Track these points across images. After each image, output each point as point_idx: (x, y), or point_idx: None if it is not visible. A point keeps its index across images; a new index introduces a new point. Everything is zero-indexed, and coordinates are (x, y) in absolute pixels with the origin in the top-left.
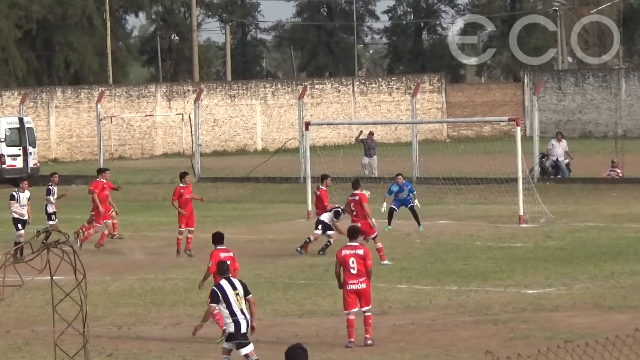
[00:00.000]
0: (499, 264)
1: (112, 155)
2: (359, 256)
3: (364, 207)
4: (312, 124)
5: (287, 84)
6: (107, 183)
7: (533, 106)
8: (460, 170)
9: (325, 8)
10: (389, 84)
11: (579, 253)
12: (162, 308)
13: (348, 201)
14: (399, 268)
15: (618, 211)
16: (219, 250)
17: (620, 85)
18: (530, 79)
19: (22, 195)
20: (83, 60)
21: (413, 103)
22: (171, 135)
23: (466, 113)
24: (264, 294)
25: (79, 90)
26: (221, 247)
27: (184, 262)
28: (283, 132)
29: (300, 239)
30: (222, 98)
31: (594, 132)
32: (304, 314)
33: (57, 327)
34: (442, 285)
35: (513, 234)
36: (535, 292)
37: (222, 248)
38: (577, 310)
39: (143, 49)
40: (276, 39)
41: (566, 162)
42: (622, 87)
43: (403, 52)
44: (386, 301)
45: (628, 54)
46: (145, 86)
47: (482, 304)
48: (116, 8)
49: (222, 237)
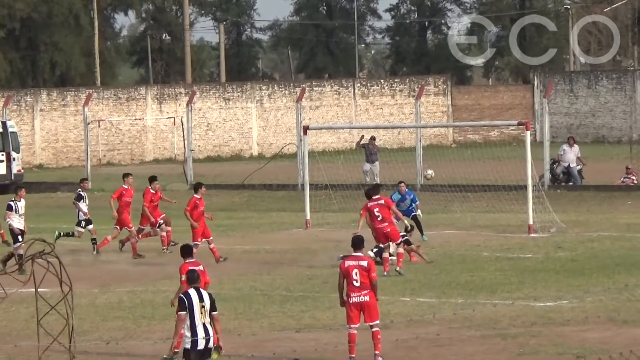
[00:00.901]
0: (507, 276)
1: (100, 161)
2: (362, 268)
3: (393, 210)
4: (311, 128)
5: (284, 86)
6: (157, 191)
7: (543, 109)
8: (466, 177)
9: (325, 6)
10: (392, 86)
11: (591, 264)
12: (152, 322)
13: (370, 207)
14: (402, 280)
15: (633, 220)
16: (189, 264)
17: (635, 87)
18: (541, 80)
19: (19, 204)
20: (69, 61)
21: (417, 106)
22: (162, 140)
23: (473, 117)
24: (260, 307)
25: (65, 93)
26: (190, 260)
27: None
28: (280, 136)
29: (298, 249)
30: (216, 101)
31: (608, 137)
32: (302, 328)
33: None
34: (448, 298)
35: (522, 244)
36: (545, 305)
37: (192, 261)
38: (590, 325)
39: (132, 49)
40: (273, 38)
41: (578, 168)
42: (637, 90)
43: (406, 52)
44: (389, 314)
45: None
46: (135, 88)
47: (490, 318)
48: (104, 6)
49: (190, 250)
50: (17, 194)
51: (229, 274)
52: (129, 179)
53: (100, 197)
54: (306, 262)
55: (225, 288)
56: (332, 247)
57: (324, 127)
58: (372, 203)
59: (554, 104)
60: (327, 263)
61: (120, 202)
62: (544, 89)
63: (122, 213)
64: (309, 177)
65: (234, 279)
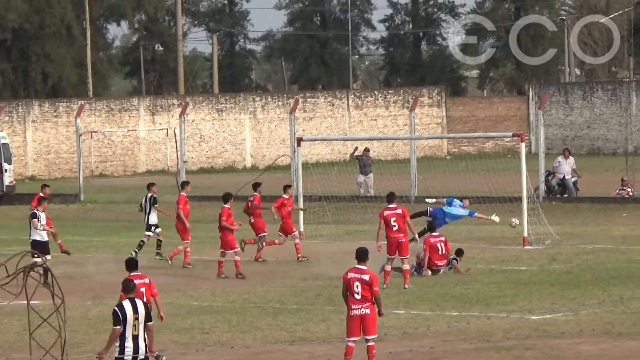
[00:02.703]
0: (501, 288)
1: (92, 173)
2: (364, 281)
3: (408, 222)
4: (305, 140)
5: (277, 98)
6: (289, 199)
7: (538, 121)
8: (461, 189)
9: (319, 17)
10: (386, 98)
11: (586, 277)
12: None
13: (387, 216)
14: (396, 293)
15: (628, 232)
16: (133, 277)
17: (630, 98)
18: (536, 92)
19: (42, 215)
20: (61, 71)
21: (411, 117)
22: (155, 151)
23: (467, 128)
24: (253, 320)
25: (57, 104)
26: (135, 274)
27: (168, 286)
28: (273, 148)
29: (291, 261)
30: (209, 112)
31: (603, 149)
32: (296, 341)
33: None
34: (442, 311)
35: (517, 256)
36: (540, 318)
37: (137, 275)
38: (585, 337)
39: (125, 60)
40: (266, 49)
41: (573, 180)
42: (633, 101)
43: (401, 63)
44: (382, 327)
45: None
46: (128, 99)
47: (484, 331)
48: (97, 17)
49: (135, 264)
50: (41, 204)
51: (222, 286)
52: (188, 188)
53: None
54: (300, 274)
55: (218, 300)
56: (326, 259)
57: (318, 139)
58: (388, 212)
59: (549, 116)
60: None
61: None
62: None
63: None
64: (302, 188)
65: (227, 291)
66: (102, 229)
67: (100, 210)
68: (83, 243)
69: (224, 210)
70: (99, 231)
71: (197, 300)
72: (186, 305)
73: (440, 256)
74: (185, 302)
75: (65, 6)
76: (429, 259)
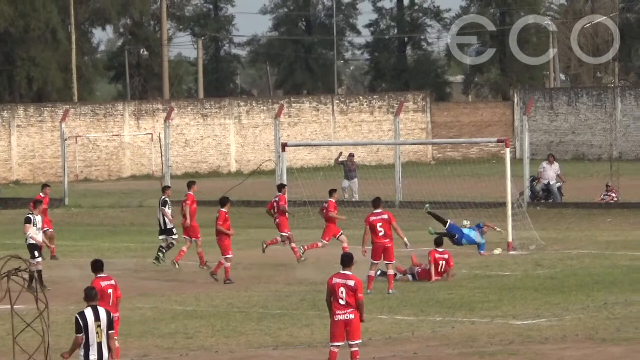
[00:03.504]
0: (486, 294)
1: (77, 177)
2: (349, 287)
3: (395, 227)
4: (289, 145)
5: (262, 103)
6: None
7: (523, 126)
8: (445, 194)
9: (304, 22)
10: (371, 103)
11: (570, 282)
12: (129, 339)
13: (373, 222)
14: (380, 298)
15: (612, 238)
16: (100, 279)
17: (615, 104)
18: (520, 97)
19: (37, 218)
20: (46, 76)
21: (396, 123)
22: (140, 156)
23: (452, 134)
24: (237, 324)
25: (42, 108)
26: (102, 275)
27: (152, 291)
28: (258, 153)
29: (276, 266)
30: (194, 117)
31: (588, 154)
32: (280, 346)
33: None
34: (426, 316)
35: (501, 261)
36: (524, 323)
37: (103, 276)
38: (569, 343)
39: (110, 65)
40: (251, 54)
41: (558, 185)
42: (618, 107)
43: (386, 68)
44: (366, 332)
45: (624, 71)
46: (112, 104)
47: (468, 336)
48: (82, 21)
49: (101, 265)
50: (37, 207)
51: (206, 290)
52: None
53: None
54: (284, 279)
55: (202, 305)
56: (310, 264)
57: (303, 144)
58: (374, 217)
59: (533, 121)
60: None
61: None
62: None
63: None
64: (287, 193)
65: (211, 296)
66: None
67: (84, 215)
68: (67, 247)
69: (220, 214)
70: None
71: (181, 305)
72: (170, 310)
73: (437, 273)
74: (169, 306)
75: (50, 10)
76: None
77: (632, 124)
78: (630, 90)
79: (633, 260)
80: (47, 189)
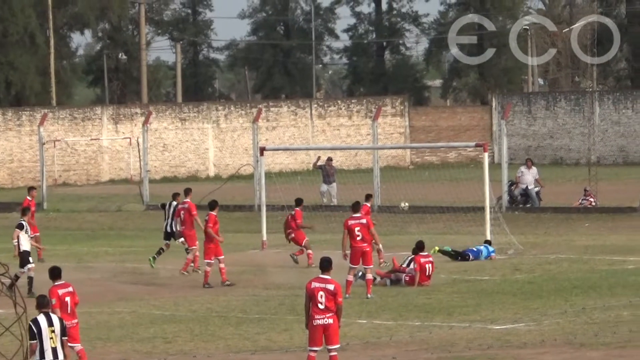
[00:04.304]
0: (464, 298)
1: (55, 181)
2: (328, 291)
3: (372, 232)
4: (268, 149)
5: (240, 107)
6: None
7: (501, 131)
8: (424, 199)
9: (282, 26)
10: (349, 107)
11: (549, 287)
12: (108, 343)
13: (351, 226)
14: (359, 302)
15: (590, 242)
16: (57, 287)
17: (593, 109)
18: (499, 102)
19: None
20: (25, 80)
21: (374, 127)
22: (118, 160)
23: (430, 138)
24: (216, 329)
25: (20, 112)
26: (59, 283)
27: (131, 295)
28: (237, 157)
29: (254, 270)
30: (172, 121)
31: (566, 159)
32: (258, 350)
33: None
34: (404, 321)
35: (479, 266)
36: (502, 327)
37: (61, 283)
38: (547, 347)
39: (88, 69)
40: (229, 58)
41: (536, 190)
42: (596, 111)
43: (364, 73)
44: (345, 337)
45: (602, 75)
46: (91, 108)
47: (446, 340)
48: (60, 25)
49: (59, 272)
50: (26, 214)
51: (184, 295)
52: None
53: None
54: (262, 284)
55: (181, 310)
56: (289, 268)
57: (281, 148)
58: (353, 221)
59: (512, 126)
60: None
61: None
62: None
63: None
64: (265, 198)
65: (190, 301)
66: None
67: (63, 219)
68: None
69: (210, 217)
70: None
71: (160, 309)
72: (149, 315)
73: (425, 277)
74: (147, 311)
75: (28, 15)
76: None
77: (610, 128)
78: (609, 95)
79: (611, 264)
80: (33, 191)
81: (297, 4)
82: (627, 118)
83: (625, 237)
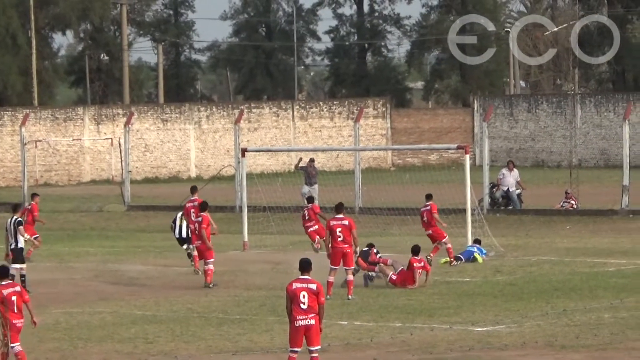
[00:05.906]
0: (445, 300)
1: (37, 182)
2: (311, 291)
3: (354, 235)
4: (249, 151)
5: (222, 108)
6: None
7: (483, 133)
8: (405, 200)
9: (264, 27)
10: (331, 109)
11: (530, 289)
12: (89, 343)
13: (333, 226)
14: (340, 303)
15: (572, 245)
16: (3, 287)
17: (575, 111)
18: (480, 104)
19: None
20: (6, 80)
21: (356, 129)
22: (100, 161)
23: (412, 140)
24: (196, 330)
25: (1, 113)
26: (5, 283)
27: (112, 295)
28: (218, 158)
29: (235, 271)
30: (154, 122)
31: (547, 161)
32: (239, 351)
33: None
34: (385, 322)
35: (461, 268)
36: (483, 329)
37: (7, 283)
38: (528, 350)
39: (70, 69)
40: (211, 59)
41: (517, 192)
42: (578, 114)
43: (346, 74)
44: (325, 338)
45: (584, 78)
46: (73, 109)
47: (427, 342)
48: (42, 26)
49: (6, 271)
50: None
51: (165, 295)
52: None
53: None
54: (243, 284)
55: (162, 310)
56: (270, 269)
57: (263, 149)
58: (335, 222)
59: (493, 128)
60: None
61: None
62: (484, 112)
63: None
64: (247, 199)
65: (171, 301)
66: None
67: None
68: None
69: (204, 219)
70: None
71: (141, 310)
72: (130, 315)
73: (412, 280)
74: (128, 311)
75: (10, 15)
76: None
77: (592, 131)
78: (590, 98)
79: (592, 267)
80: (37, 197)
81: (279, 5)
82: (608, 121)
83: (606, 239)
